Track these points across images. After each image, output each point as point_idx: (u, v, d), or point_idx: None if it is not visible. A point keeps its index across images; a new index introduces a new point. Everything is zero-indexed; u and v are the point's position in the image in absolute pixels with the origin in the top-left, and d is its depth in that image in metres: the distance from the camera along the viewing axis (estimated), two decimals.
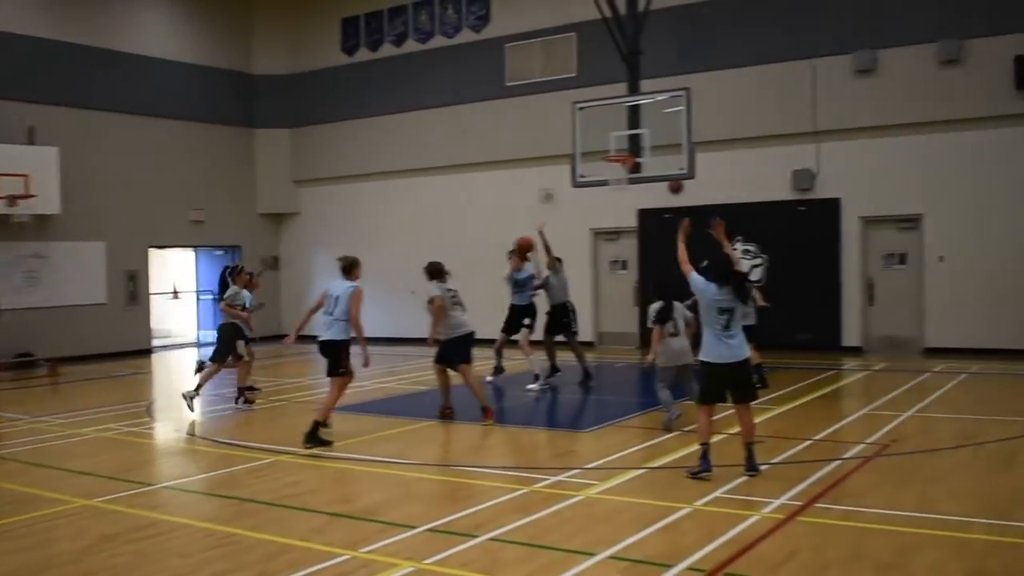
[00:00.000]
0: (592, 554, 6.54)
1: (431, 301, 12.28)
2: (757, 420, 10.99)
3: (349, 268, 11.33)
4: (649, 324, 11.39)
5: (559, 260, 15.93)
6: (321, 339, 11.33)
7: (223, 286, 14.61)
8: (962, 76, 17.83)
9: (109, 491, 8.91)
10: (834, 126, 19.02)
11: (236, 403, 14.26)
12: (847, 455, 9.55)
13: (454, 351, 12.32)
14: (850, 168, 18.96)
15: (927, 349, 18.32)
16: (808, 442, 10.29)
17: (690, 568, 6.21)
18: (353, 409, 13.25)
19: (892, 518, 7.26)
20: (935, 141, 18.20)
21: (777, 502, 7.74)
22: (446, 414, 12.41)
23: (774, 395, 13.50)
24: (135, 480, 9.40)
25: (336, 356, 11.20)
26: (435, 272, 12.52)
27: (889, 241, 18.98)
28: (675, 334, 11.23)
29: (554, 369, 15.84)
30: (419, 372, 17.21)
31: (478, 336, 12.73)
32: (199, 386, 14.01)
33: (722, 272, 8.81)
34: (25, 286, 21.08)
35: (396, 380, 16.75)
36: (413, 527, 7.35)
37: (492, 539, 6.99)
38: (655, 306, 11.31)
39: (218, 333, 14.66)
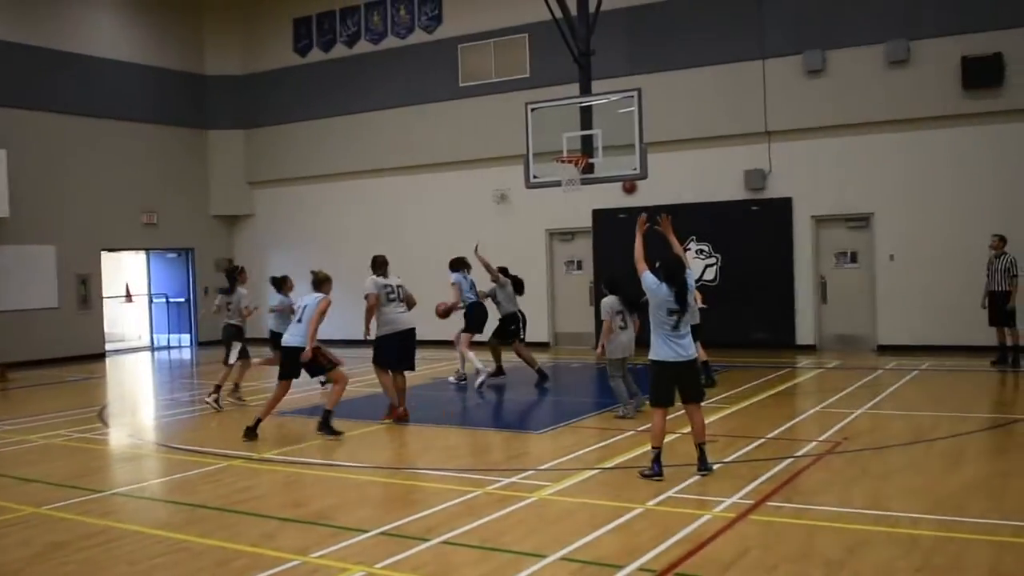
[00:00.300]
0: (544, 556, 6.49)
1: (366, 296, 12.37)
2: (709, 419, 11.08)
3: (319, 283, 11.87)
4: (604, 317, 11.79)
5: (504, 271, 15.99)
6: (286, 344, 11.58)
7: (231, 288, 14.66)
8: (911, 76, 18.01)
9: (59, 498, 8.75)
10: (785, 126, 19.14)
11: (211, 399, 14.13)
12: (799, 453, 9.59)
13: (388, 350, 12.32)
14: (801, 168, 19.07)
15: (880, 347, 18.47)
16: (761, 440, 10.31)
17: (641, 568, 6.18)
18: (304, 412, 13.15)
19: (843, 516, 7.28)
20: (885, 141, 18.36)
21: (729, 501, 7.74)
22: (399, 416, 12.33)
23: (727, 394, 13.55)
24: (86, 487, 9.23)
25: (305, 362, 11.40)
26: (375, 264, 12.61)
27: (840, 240, 19.12)
28: (623, 327, 11.77)
29: (499, 371, 16.06)
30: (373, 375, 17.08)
31: (427, 337, 12.67)
32: (222, 388, 14.29)
33: (673, 273, 8.79)
34: None
35: (351, 383, 16.60)
36: (365, 531, 7.28)
37: (444, 542, 6.93)
38: (610, 299, 11.73)
39: (224, 333, 14.62)
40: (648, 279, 8.80)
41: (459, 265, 15.81)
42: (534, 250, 21.68)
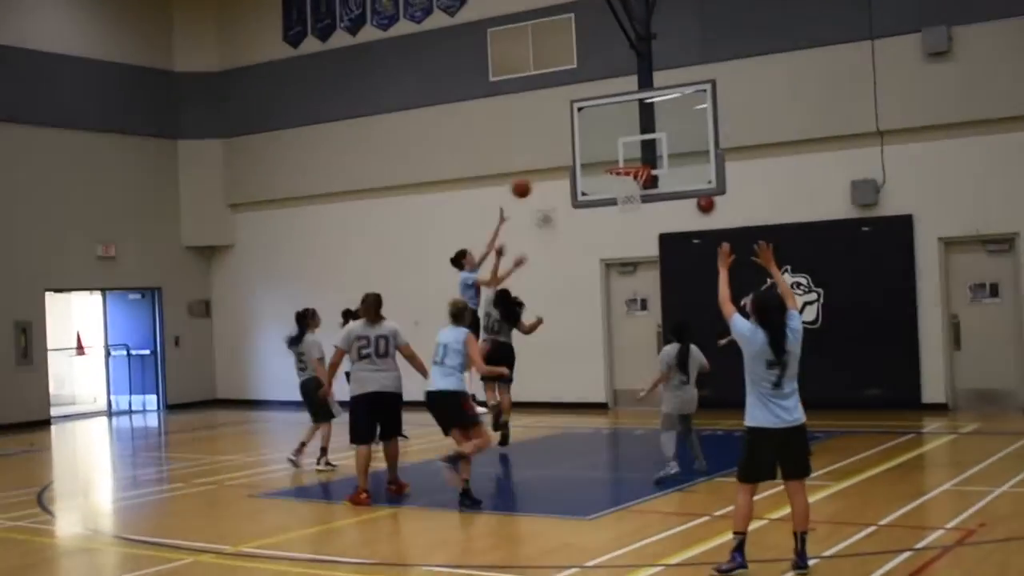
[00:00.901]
0: None
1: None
2: (810, 501, 10.93)
3: (459, 315, 12.47)
4: (661, 368, 12.59)
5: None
6: (435, 390, 12.13)
7: (300, 336, 15.50)
8: None
9: None
10: (902, 125, 19.15)
11: (318, 464, 15.05)
12: (920, 544, 9.45)
13: (353, 415, 12.72)
14: (924, 177, 19.02)
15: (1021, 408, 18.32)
16: (872, 528, 10.18)
17: None
18: (291, 493, 13.22)
19: None
20: None
21: None
22: (358, 500, 12.41)
23: (831, 467, 13.41)
24: None
25: (456, 406, 12.05)
26: (363, 307, 13.11)
27: (977, 268, 19.07)
28: (686, 382, 12.50)
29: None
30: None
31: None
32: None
33: (767, 313, 8.72)
34: None
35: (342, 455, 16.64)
36: None
37: None
38: (669, 349, 12.50)
39: (304, 390, 15.48)
40: (739, 324, 8.72)
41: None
42: (587, 285, 21.74)
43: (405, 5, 24.00)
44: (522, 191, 16.16)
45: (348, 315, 15.79)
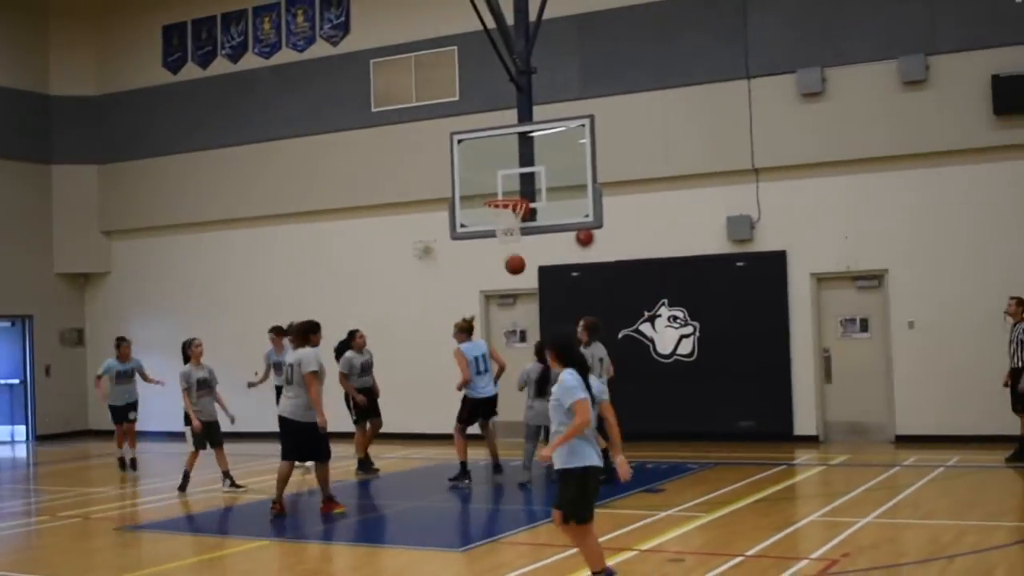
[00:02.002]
0: None
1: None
2: (680, 531, 11.15)
3: (469, 331, 16.34)
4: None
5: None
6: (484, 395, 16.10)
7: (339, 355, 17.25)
8: (929, 100, 18.50)
9: None
10: (776, 162, 19.52)
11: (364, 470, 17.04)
12: (786, 574, 9.59)
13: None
14: (798, 214, 19.38)
15: (898, 437, 18.68)
16: (739, 558, 10.29)
17: None
18: (163, 527, 13.06)
19: None
20: (899, 179, 18.75)
21: None
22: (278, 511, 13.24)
23: (703, 498, 13.59)
24: None
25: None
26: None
27: (848, 303, 19.43)
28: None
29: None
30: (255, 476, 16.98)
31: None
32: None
33: (576, 353, 8.86)
34: None
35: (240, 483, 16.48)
36: None
37: None
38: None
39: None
40: (568, 379, 8.59)
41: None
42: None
43: (288, 34, 23.95)
44: (516, 268, 16.22)
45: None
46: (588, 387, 8.44)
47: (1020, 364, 15.77)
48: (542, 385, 14.48)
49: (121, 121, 25.98)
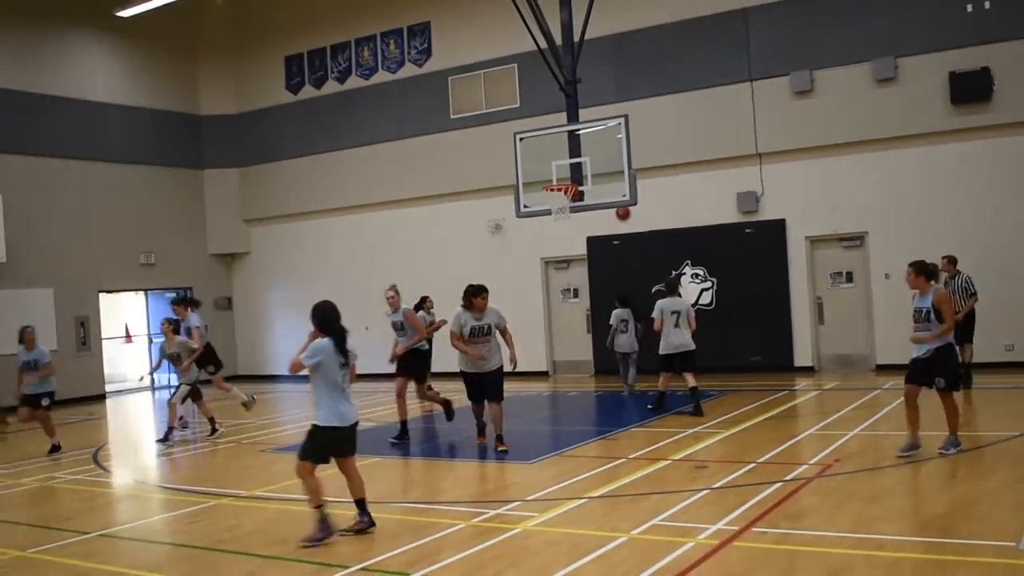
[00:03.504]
0: None
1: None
2: (703, 445, 11.11)
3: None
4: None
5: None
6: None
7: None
8: (898, 94, 18.03)
9: (44, 541, 8.69)
10: (775, 148, 19.16)
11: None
12: (788, 477, 9.50)
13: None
14: (794, 189, 19.08)
15: (879, 366, 18.38)
16: (751, 465, 10.22)
17: None
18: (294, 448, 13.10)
19: (827, 540, 7.19)
20: (875, 159, 18.35)
21: (713, 528, 7.65)
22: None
23: (721, 419, 13.49)
24: (72, 529, 9.17)
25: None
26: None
27: (835, 259, 19.08)
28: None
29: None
30: (373, 408, 17.06)
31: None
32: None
33: (334, 323, 8.15)
34: None
35: None
36: (346, 566, 7.21)
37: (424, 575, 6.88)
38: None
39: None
40: (320, 344, 8.09)
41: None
42: (530, 278, 21.68)
43: (383, 59, 23.81)
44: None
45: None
46: (345, 353, 8.05)
47: (960, 308, 15.35)
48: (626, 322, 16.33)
49: (256, 133, 26.02)
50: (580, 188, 15.81)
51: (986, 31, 17.29)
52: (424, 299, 16.88)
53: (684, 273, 19.76)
